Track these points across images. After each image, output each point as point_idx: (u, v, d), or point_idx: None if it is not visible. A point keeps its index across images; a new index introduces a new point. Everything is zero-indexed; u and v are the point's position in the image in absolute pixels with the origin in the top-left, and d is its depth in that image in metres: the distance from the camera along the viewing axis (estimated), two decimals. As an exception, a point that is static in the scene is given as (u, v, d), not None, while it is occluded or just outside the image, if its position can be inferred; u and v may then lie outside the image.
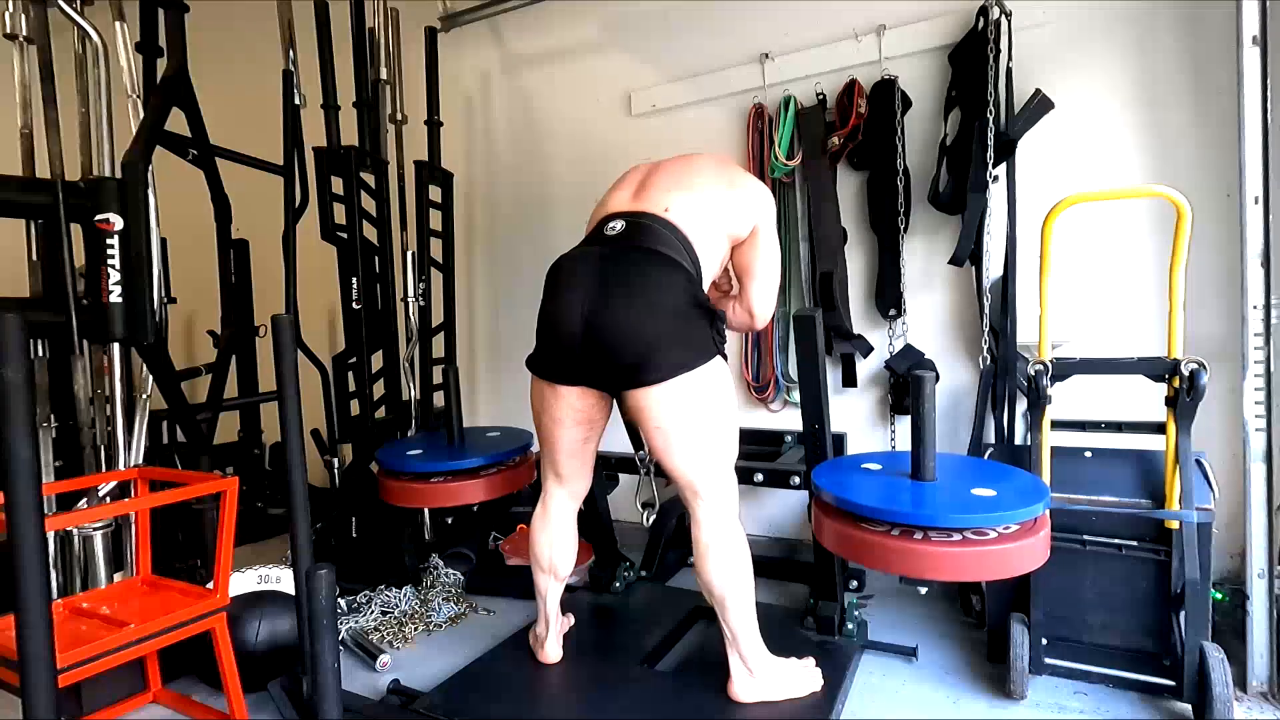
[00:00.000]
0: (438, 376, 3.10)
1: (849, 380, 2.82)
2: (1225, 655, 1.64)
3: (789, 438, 2.89)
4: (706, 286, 1.74)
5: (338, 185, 2.85)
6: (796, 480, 2.24)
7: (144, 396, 2.21)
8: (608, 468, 2.45)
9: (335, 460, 3.06)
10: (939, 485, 1.60)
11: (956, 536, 1.44)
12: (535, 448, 2.17)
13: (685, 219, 1.70)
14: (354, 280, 2.86)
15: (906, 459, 1.66)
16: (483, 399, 3.82)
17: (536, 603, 1.94)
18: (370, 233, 2.95)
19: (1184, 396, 1.72)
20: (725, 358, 1.70)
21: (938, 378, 2.59)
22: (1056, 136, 2.43)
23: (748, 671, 1.70)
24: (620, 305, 1.58)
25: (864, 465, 1.79)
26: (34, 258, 2.27)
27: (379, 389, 3.00)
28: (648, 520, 1.99)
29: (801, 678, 1.76)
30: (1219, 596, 2.01)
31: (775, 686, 1.72)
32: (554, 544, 1.88)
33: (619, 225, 1.70)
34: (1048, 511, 1.55)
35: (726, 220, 1.76)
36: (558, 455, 1.83)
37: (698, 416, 1.63)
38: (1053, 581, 1.87)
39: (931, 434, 1.54)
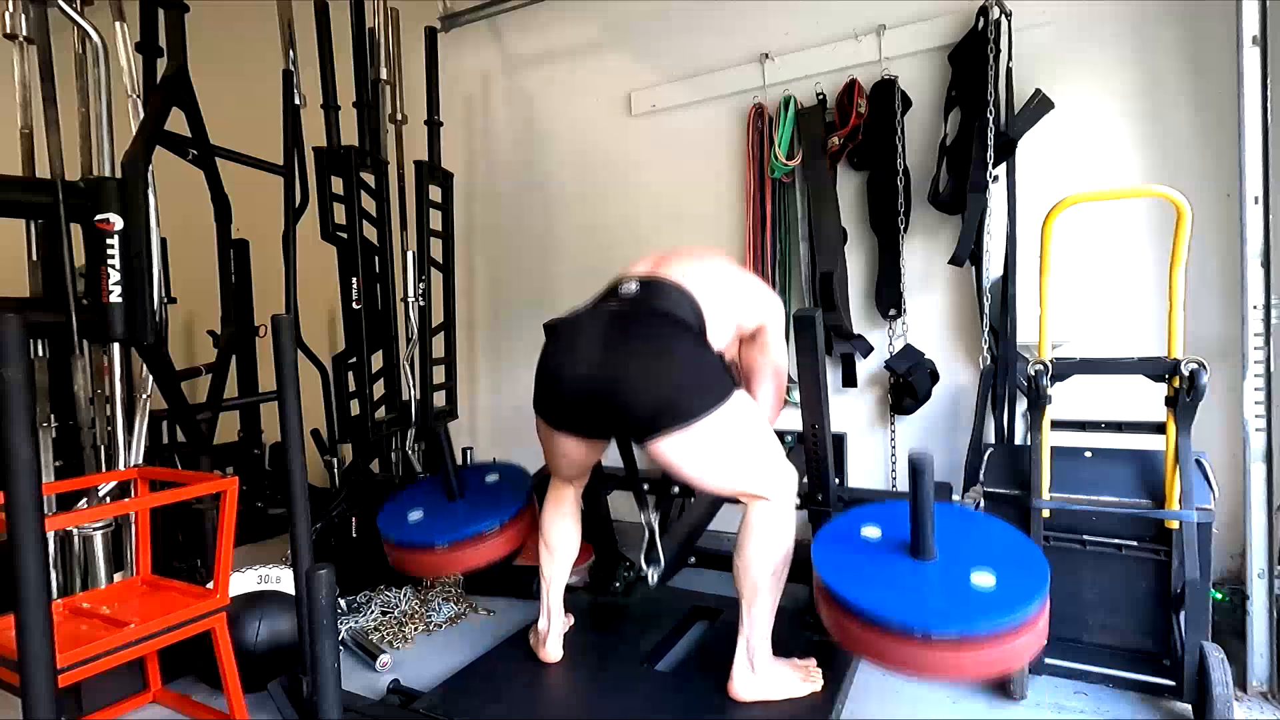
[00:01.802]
0: (438, 376, 3.10)
1: (849, 380, 2.82)
2: (1225, 655, 1.64)
3: (789, 438, 2.88)
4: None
5: (338, 185, 2.85)
6: (797, 501, 2.20)
7: (144, 396, 2.21)
8: (609, 474, 2.45)
9: (335, 460, 3.06)
10: (937, 567, 1.52)
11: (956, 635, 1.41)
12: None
13: (699, 288, 1.75)
14: (354, 280, 2.86)
15: (905, 519, 1.55)
16: (483, 399, 3.82)
17: (540, 594, 1.97)
18: (370, 233, 2.94)
19: (1184, 396, 1.72)
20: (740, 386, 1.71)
21: (936, 378, 2.61)
22: (1056, 136, 2.43)
23: (749, 667, 1.70)
24: (632, 362, 1.61)
25: (864, 530, 1.69)
26: (34, 258, 2.27)
27: (379, 389, 3.00)
28: (654, 579, 2.00)
29: (802, 678, 1.76)
30: (1219, 596, 2.01)
31: (775, 685, 1.72)
32: (561, 526, 1.97)
33: (633, 286, 1.76)
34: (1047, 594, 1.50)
35: (736, 306, 1.83)
36: (563, 473, 1.93)
37: (731, 448, 1.65)
38: (1053, 581, 1.86)
39: (930, 514, 1.49)
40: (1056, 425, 1.91)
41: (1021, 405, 2.44)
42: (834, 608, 1.52)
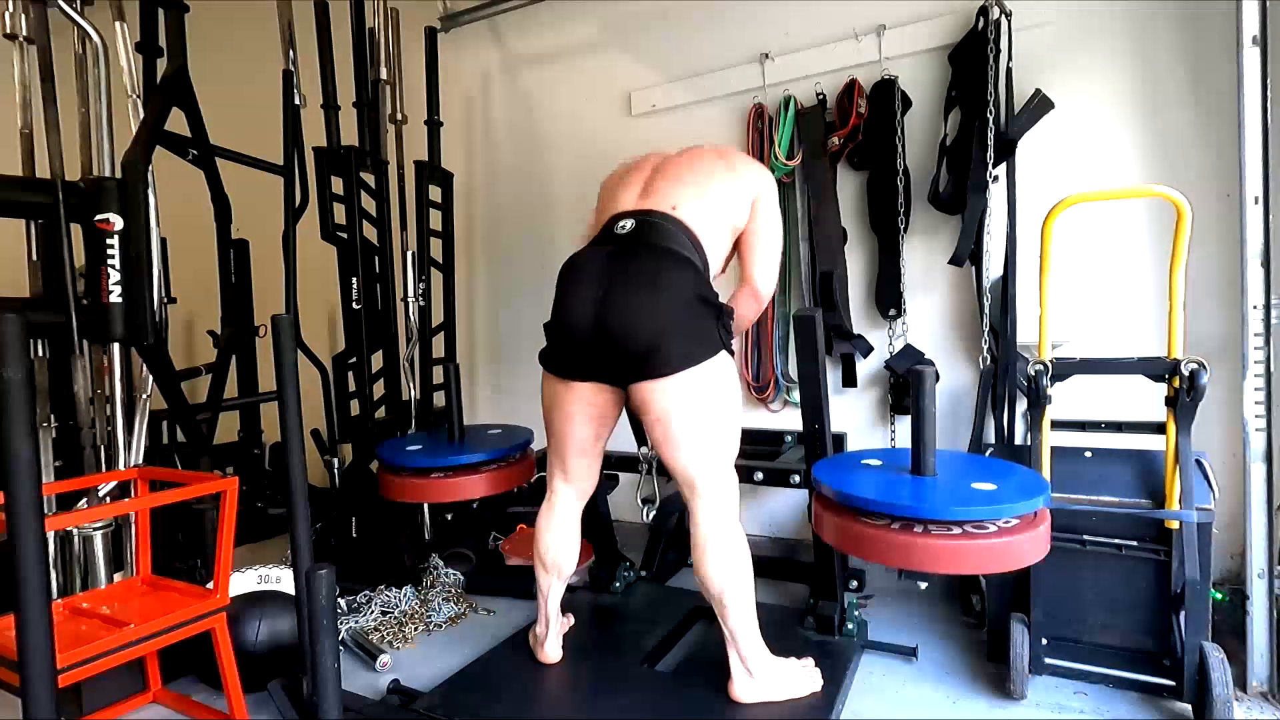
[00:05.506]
0: (438, 376, 3.10)
1: (849, 380, 2.82)
2: (1225, 655, 1.64)
3: (789, 438, 2.89)
4: (714, 277, 1.78)
5: (338, 185, 2.85)
6: (796, 479, 2.24)
7: (144, 396, 2.21)
8: (608, 466, 2.45)
9: (335, 460, 3.06)
10: (939, 480, 1.60)
11: (956, 530, 1.45)
12: (537, 443, 2.18)
13: (692, 216, 1.76)
14: (354, 280, 2.86)
15: (907, 455, 1.67)
16: (483, 399, 3.82)
17: (537, 602, 1.94)
18: (370, 233, 2.95)
19: (1184, 396, 1.72)
20: (732, 354, 1.72)
21: (937, 376, 2.60)
22: (1056, 136, 2.44)
23: (747, 672, 1.70)
24: (630, 298, 1.61)
25: (864, 461, 1.79)
26: (34, 258, 2.26)
27: (379, 389, 3.00)
28: (647, 515, 2.01)
29: (801, 678, 1.76)
30: (1219, 596, 2.01)
31: (775, 687, 1.72)
32: (559, 543, 1.88)
33: (629, 224, 1.75)
34: (1048, 508, 1.56)
35: (730, 212, 1.83)
36: (567, 453, 1.84)
37: (701, 411, 1.64)
38: (1053, 581, 1.87)
39: (932, 429, 1.55)
40: (1056, 425, 1.91)
41: (1021, 405, 2.44)
42: (835, 511, 1.57)
